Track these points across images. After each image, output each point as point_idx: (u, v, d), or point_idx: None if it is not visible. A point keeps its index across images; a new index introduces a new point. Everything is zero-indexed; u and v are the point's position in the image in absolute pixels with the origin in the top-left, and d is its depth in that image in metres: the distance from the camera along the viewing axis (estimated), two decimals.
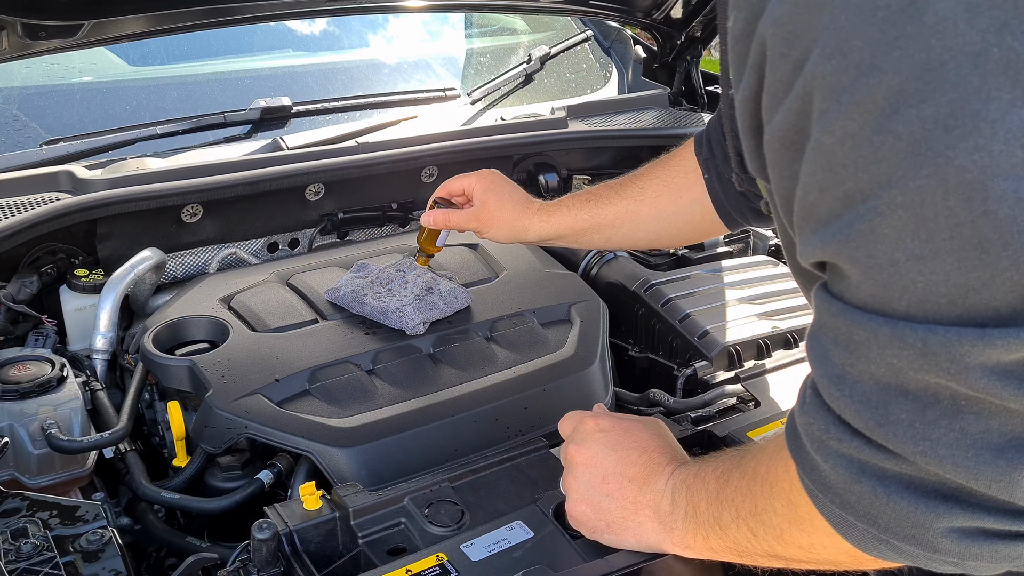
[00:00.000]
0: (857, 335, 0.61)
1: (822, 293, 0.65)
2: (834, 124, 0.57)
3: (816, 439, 0.67)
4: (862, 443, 0.63)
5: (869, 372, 0.61)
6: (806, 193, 0.62)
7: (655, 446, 0.97)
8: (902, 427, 0.60)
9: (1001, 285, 0.54)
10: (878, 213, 0.57)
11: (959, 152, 0.52)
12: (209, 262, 1.73)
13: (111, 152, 1.78)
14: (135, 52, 2.14)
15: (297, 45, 2.42)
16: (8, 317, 1.49)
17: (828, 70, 0.57)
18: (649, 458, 0.95)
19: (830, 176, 0.59)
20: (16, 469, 1.20)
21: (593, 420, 1.02)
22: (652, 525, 0.93)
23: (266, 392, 1.28)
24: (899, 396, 0.60)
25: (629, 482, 0.95)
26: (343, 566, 1.02)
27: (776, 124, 0.64)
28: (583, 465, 0.98)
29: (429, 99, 2.16)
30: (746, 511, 0.80)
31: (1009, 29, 0.51)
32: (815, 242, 0.63)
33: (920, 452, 0.60)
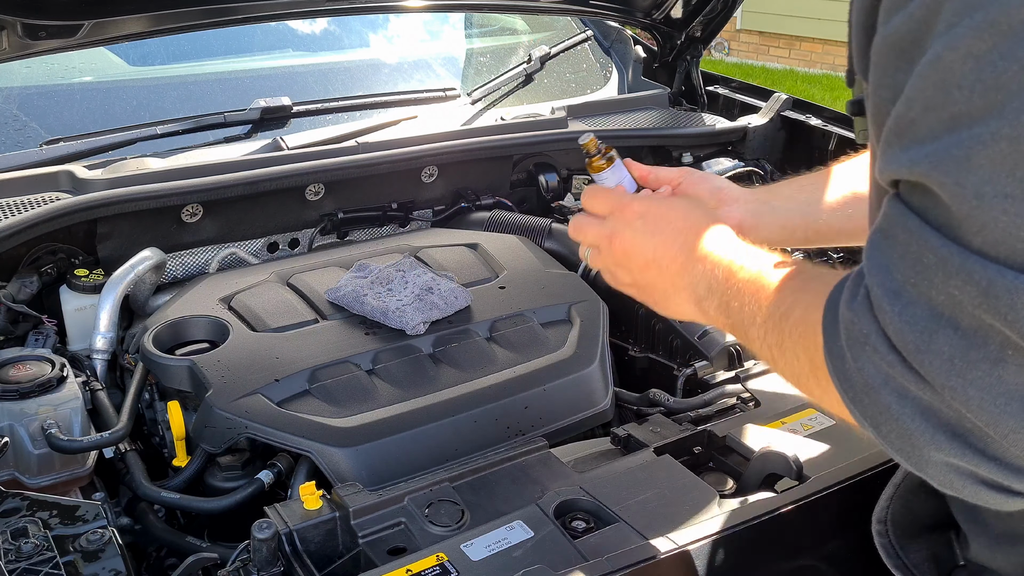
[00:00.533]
0: (927, 258, 0.60)
1: (898, 205, 0.63)
2: (960, 41, 0.55)
3: (853, 338, 0.67)
4: (896, 359, 0.63)
5: (928, 296, 0.60)
6: (908, 108, 0.60)
7: (692, 224, 0.96)
8: (941, 359, 0.60)
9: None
10: (979, 142, 0.55)
11: None
12: (209, 262, 1.73)
13: (111, 152, 1.78)
14: (135, 52, 2.14)
15: (297, 45, 2.42)
16: (8, 317, 1.49)
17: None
18: (686, 239, 0.95)
19: (941, 95, 0.57)
20: (16, 469, 1.20)
21: (632, 204, 1.00)
22: (689, 306, 0.95)
23: (266, 392, 1.28)
24: (948, 328, 0.59)
25: (669, 264, 0.96)
26: (343, 566, 1.02)
27: (891, 28, 0.61)
28: (627, 253, 0.99)
29: (429, 99, 2.16)
30: (772, 341, 0.81)
31: None
32: (903, 159, 0.61)
33: (951, 387, 0.59)
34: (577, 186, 2.12)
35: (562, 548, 1.00)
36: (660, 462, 1.16)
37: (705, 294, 0.92)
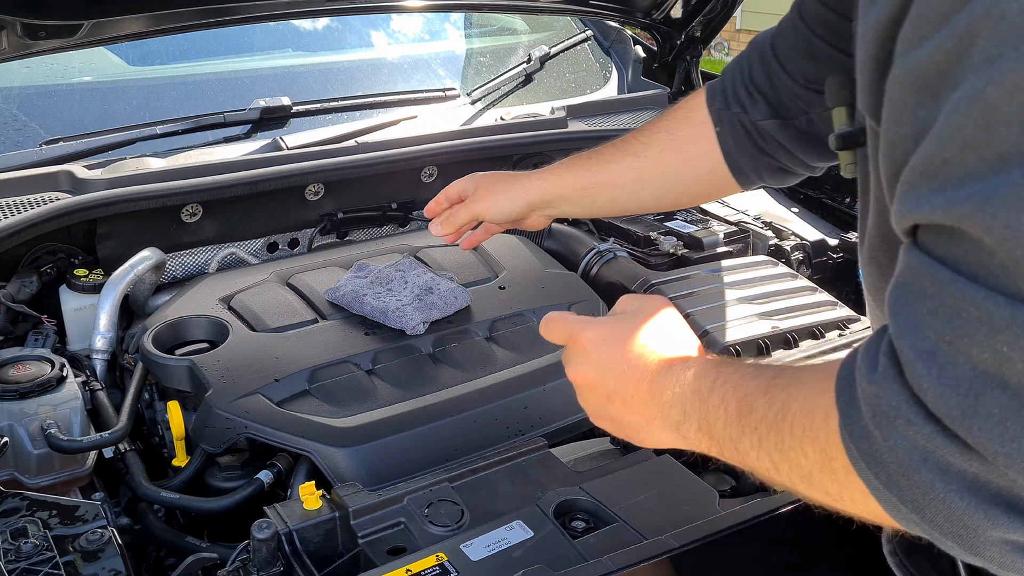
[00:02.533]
0: (967, 311, 0.54)
1: (920, 255, 0.58)
2: (1006, 75, 0.50)
3: (881, 413, 0.60)
4: (935, 430, 0.57)
5: (969, 354, 0.54)
6: (941, 148, 0.55)
7: (651, 350, 0.89)
8: (992, 422, 0.54)
9: None
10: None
11: None
12: (209, 262, 1.73)
13: (111, 152, 1.78)
14: (135, 52, 2.14)
15: (297, 45, 2.42)
16: (8, 317, 1.49)
17: (1012, 10, 0.50)
18: (646, 366, 0.88)
19: (984, 133, 0.52)
20: (16, 469, 1.20)
21: (584, 334, 0.93)
22: (666, 433, 0.88)
23: (266, 392, 1.28)
24: (996, 388, 0.54)
25: (632, 396, 0.89)
26: (343, 566, 1.02)
27: (914, 60, 0.56)
28: (585, 387, 0.93)
29: (429, 99, 2.16)
30: (771, 445, 0.74)
31: None
32: (937, 202, 0.55)
33: (1005, 453, 0.54)
34: None
35: (562, 548, 1.00)
36: (660, 462, 1.16)
37: (681, 419, 0.85)
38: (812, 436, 0.70)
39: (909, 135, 0.58)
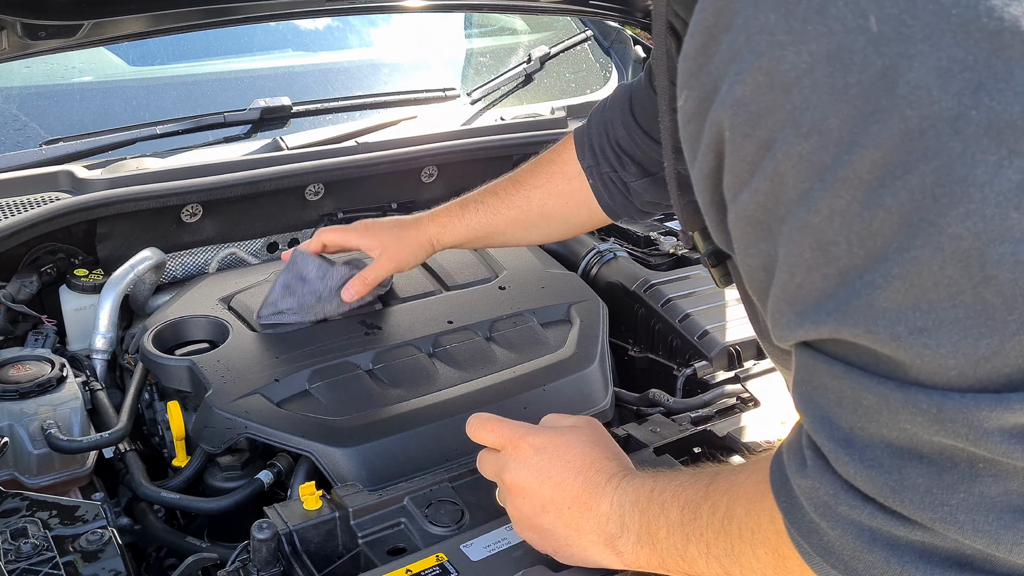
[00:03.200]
0: (865, 399, 0.58)
1: (813, 354, 0.62)
2: (820, 203, 0.56)
3: (821, 504, 0.63)
4: (875, 509, 0.60)
5: (881, 435, 0.58)
6: (791, 276, 0.60)
7: (592, 461, 0.91)
8: (919, 493, 0.57)
9: (1011, 351, 0.52)
10: (875, 287, 0.55)
11: (951, 220, 0.51)
12: (209, 262, 1.73)
13: (111, 152, 1.78)
14: (135, 52, 2.14)
15: (297, 45, 2.42)
16: (8, 317, 1.49)
17: (805, 150, 0.55)
18: (586, 478, 0.90)
19: (820, 255, 0.57)
20: (16, 469, 1.20)
21: (527, 440, 0.95)
22: (599, 548, 0.88)
23: (266, 392, 1.28)
24: (914, 460, 0.57)
25: (568, 508, 0.90)
26: (343, 566, 1.02)
27: (742, 204, 0.62)
28: (520, 493, 0.93)
29: (429, 99, 2.16)
30: (719, 550, 0.76)
31: (985, 89, 0.50)
32: (804, 323, 0.60)
33: (939, 518, 0.57)
34: None
35: None
36: (660, 462, 1.16)
37: (618, 531, 0.86)
38: (762, 538, 0.72)
39: (759, 266, 0.64)
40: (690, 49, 0.64)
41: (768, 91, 0.57)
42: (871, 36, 0.52)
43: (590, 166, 1.35)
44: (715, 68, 0.61)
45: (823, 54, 0.54)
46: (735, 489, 0.76)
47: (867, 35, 0.52)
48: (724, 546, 0.76)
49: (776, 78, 0.56)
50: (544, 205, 1.40)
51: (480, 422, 1.00)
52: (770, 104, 0.57)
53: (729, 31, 0.60)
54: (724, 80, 0.60)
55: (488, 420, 1.00)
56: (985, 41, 0.50)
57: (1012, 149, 0.50)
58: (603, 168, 1.34)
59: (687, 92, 0.66)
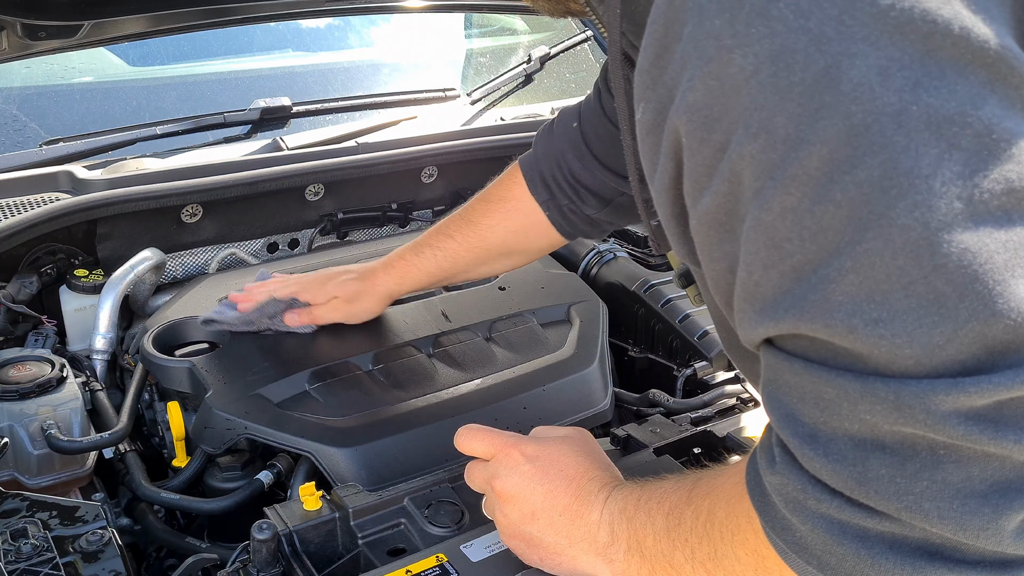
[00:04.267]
0: (826, 392, 0.59)
1: (776, 353, 0.63)
2: (771, 201, 0.57)
3: (791, 499, 0.64)
4: (842, 502, 0.61)
5: (843, 428, 0.59)
6: (749, 274, 0.61)
7: (583, 471, 0.92)
8: (883, 483, 0.58)
9: (964, 337, 0.53)
10: (830, 281, 0.56)
11: (899, 211, 0.53)
12: (209, 262, 1.73)
13: (111, 152, 1.78)
14: (135, 52, 2.15)
15: (297, 45, 2.42)
16: (8, 317, 1.49)
17: (756, 149, 0.57)
18: (579, 487, 0.90)
19: (774, 252, 0.58)
20: (16, 469, 1.20)
21: (519, 448, 0.95)
22: (589, 557, 0.88)
23: (266, 393, 1.28)
24: (876, 451, 0.58)
25: (559, 516, 0.90)
26: (343, 567, 1.02)
27: (703, 208, 0.63)
28: (510, 501, 0.93)
29: (429, 99, 2.16)
30: (703, 555, 0.76)
31: (923, 86, 0.52)
32: (765, 320, 0.61)
33: (904, 507, 0.58)
34: None
35: None
36: (660, 463, 1.16)
37: (609, 540, 0.86)
38: (741, 539, 0.73)
39: (724, 268, 0.65)
40: (644, 63, 0.66)
41: (720, 95, 0.58)
42: (812, 36, 0.54)
43: (545, 200, 1.34)
44: (669, 78, 0.63)
45: (767, 55, 0.55)
46: (715, 492, 0.77)
47: (808, 35, 0.54)
48: (708, 550, 0.76)
49: (726, 81, 0.58)
50: (504, 242, 1.40)
51: (469, 432, 1.00)
52: (722, 107, 0.58)
53: (679, 41, 0.61)
54: (678, 88, 0.62)
55: (477, 430, 1.00)
56: (920, 42, 0.52)
57: (951, 142, 0.52)
58: (560, 201, 1.34)
59: (643, 104, 0.67)
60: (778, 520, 0.66)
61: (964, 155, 0.52)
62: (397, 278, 1.43)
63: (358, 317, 1.45)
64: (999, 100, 0.53)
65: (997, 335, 0.53)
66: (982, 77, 0.52)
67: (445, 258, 1.41)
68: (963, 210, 0.52)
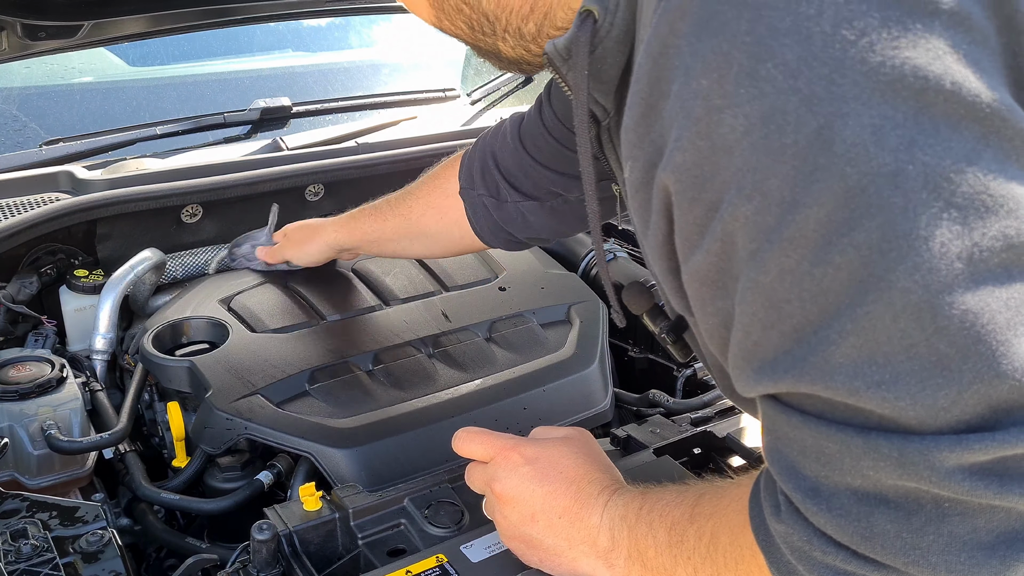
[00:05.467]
0: (827, 447, 0.58)
1: (775, 405, 0.62)
2: (769, 263, 0.56)
3: (797, 549, 0.63)
4: (848, 555, 0.60)
5: (845, 483, 0.59)
6: (747, 334, 0.61)
7: (583, 473, 0.91)
8: (889, 538, 0.57)
9: (969, 399, 0.52)
10: (830, 343, 0.55)
11: (900, 274, 0.52)
12: (209, 262, 1.73)
13: (111, 152, 1.78)
14: (135, 52, 2.15)
15: (297, 45, 2.42)
16: (8, 317, 1.49)
17: (750, 211, 0.56)
18: (579, 489, 0.90)
19: (773, 313, 0.58)
20: (16, 470, 1.20)
21: (518, 449, 0.95)
22: (589, 560, 0.88)
23: (266, 393, 1.28)
24: (880, 506, 0.58)
25: (559, 518, 0.89)
26: (343, 567, 1.02)
27: (694, 265, 0.63)
28: (510, 502, 0.92)
29: (429, 99, 2.17)
30: (707, 575, 0.76)
31: (918, 144, 0.51)
32: (763, 379, 0.61)
33: (912, 562, 0.57)
34: None
35: None
36: (660, 463, 1.16)
37: (610, 545, 0.85)
38: (745, 570, 0.72)
39: (718, 323, 0.64)
40: (630, 121, 0.65)
41: (710, 155, 0.58)
42: (803, 96, 0.53)
43: (464, 187, 1.34)
44: (656, 136, 0.62)
45: (758, 116, 0.55)
46: (719, 515, 0.76)
47: (799, 95, 0.53)
48: (711, 571, 0.76)
49: (716, 142, 0.57)
50: (422, 218, 1.42)
51: (468, 435, 0.99)
52: (713, 167, 0.58)
53: (666, 98, 0.60)
54: (666, 147, 0.61)
55: (476, 432, 0.99)
56: (912, 99, 0.52)
57: (948, 201, 0.51)
58: (477, 191, 1.33)
59: (631, 163, 0.67)
60: (784, 564, 0.66)
61: (962, 213, 0.51)
62: (339, 230, 1.51)
63: (300, 259, 1.56)
64: (994, 154, 0.52)
65: (1001, 395, 0.52)
66: (976, 132, 0.52)
67: (377, 220, 1.46)
68: (963, 270, 0.51)
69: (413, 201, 1.43)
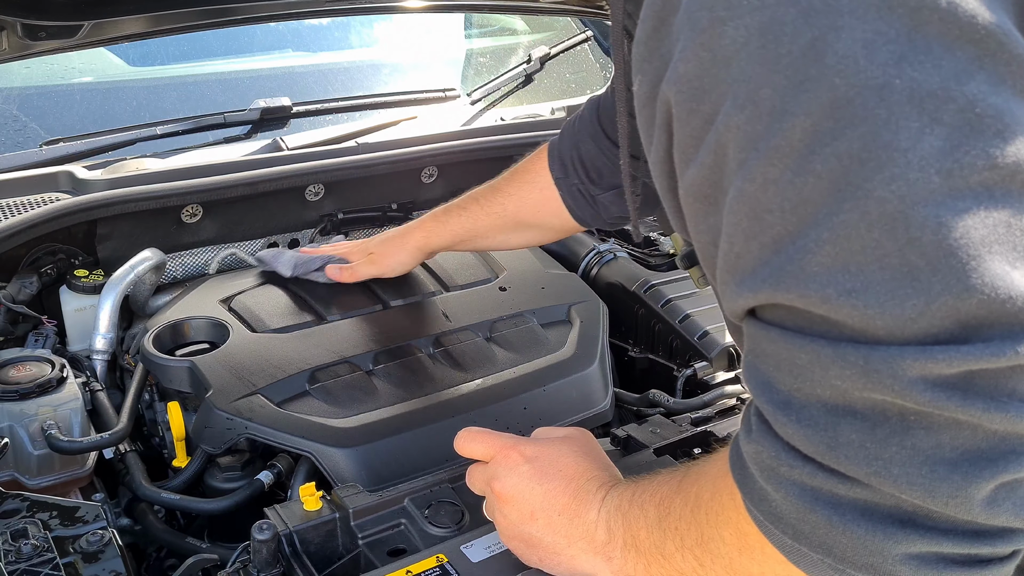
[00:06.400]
0: (799, 358, 0.59)
1: (756, 323, 0.63)
2: (755, 172, 0.57)
3: (766, 467, 0.64)
4: (814, 468, 0.61)
5: (815, 395, 0.59)
6: (731, 245, 0.62)
7: (582, 471, 0.92)
8: (853, 448, 0.58)
9: (937, 311, 0.53)
10: (807, 252, 0.56)
11: (877, 184, 0.53)
12: (209, 262, 1.73)
13: (111, 152, 1.78)
14: (135, 52, 2.15)
15: (297, 45, 2.42)
16: (8, 318, 1.49)
17: (742, 120, 0.57)
18: (577, 486, 0.90)
19: (756, 223, 0.59)
20: (16, 470, 1.20)
21: (518, 448, 0.95)
22: (588, 556, 0.88)
23: (266, 392, 1.28)
24: (847, 417, 0.58)
25: (558, 515, 0.90)
26: (343, 567, 1.02)
27: (689, 179, 0.64)
28: (509, 501, 0.92)
29: (429, 99, 2.16)
30: (691, 540, 0.76)
31: (908, 61, 0.52)
32: (744, 292, 0.62)
33: (873, 472, 0.58)
34: None
35: None
36: (660, 463, 1.16)
37: (607, 538, 0.86)
38: (725, 518, 0.73)
39: (708, 241, 0.66)
40: (641, 35, 0.66)
41: (710, 66, 0.59)
42: (801, 8, 0.54)
43: (559, 178, 1.39)
44: (665, 50, 0.63)
45: (757, 27, 0.56)
46: (703, 476, 0.77)
47: (797, 7, 0.54)
48: (695, 535, 0.76)
49: (717, 53, 0.58)
50: (518, 212, 1.45)
51: (469, 435, 1.00)
52: (712, 79, 0.59)
53: (676, 12, 0.61)
54: (671, 60, 0.62)
55: (476, 432, 1.00)
56: (907, 16, 0.52)
57: (933, 117, 0.52)
58: (572, 180, 1.38)
59: (640, 77, 0.67)
60: (755, 491, 0.67)
61: (946, 130, 0.52)
62: (426, 233, 1.52)
63: (392, 270, 1.55)
64: (987, 76, 0.53)
65: (970, 310, 0.53)
66: (969, 53, 0.52)
67: (468, 219, 1.48)
68: (941, 184, 0.52)
69: (505, 198, 1.46)
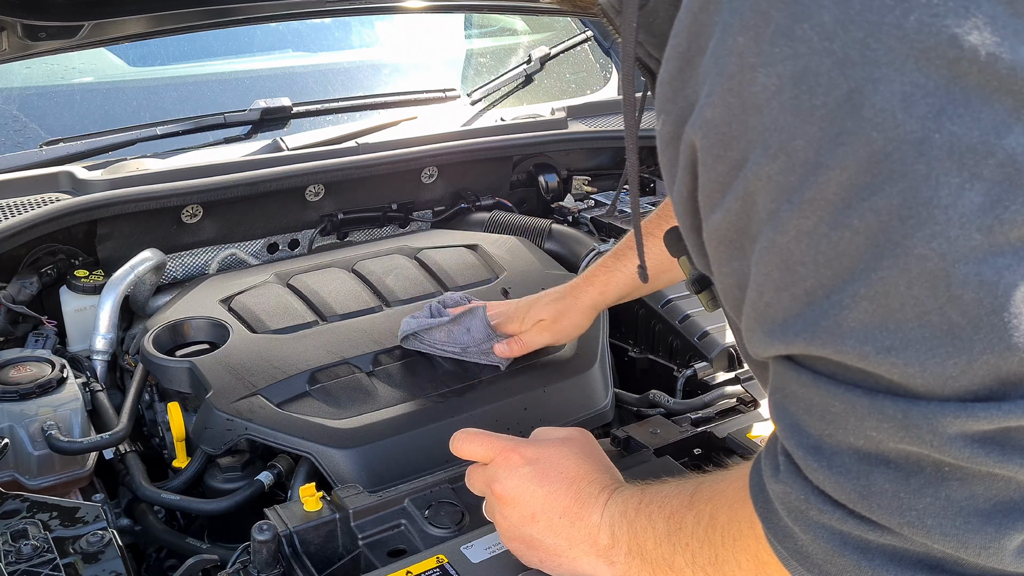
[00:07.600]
0: (833, 406, 0.59)
1: (785, 364, 0.63)
2: (787, 223, 0.57)
3: (794, 509, 0.64)
4: (845, 514, 0.60)
5: (848, 442, 0.59)
6: (760, 294, 0.61)
7: (584, 473, 0.92)
8: (886, 498, 0.58)
9: (978, 370, 0.53)
10: (843, 307, 0.55)
11: (917, 241, 0.52)
12: (209, 263, 1.73)
13: (111, 153, 1.79)
14: (135, 52, 2.15)
15: (297, 45, 2.43)
16: (8, 318, 1.49)
17: (773, 170, 0.56)
18: (579, 489, 0.90)
19: (788, 275, 0.58)
20: (16, 470, 1.20)
21: (519, 450, 0.95)
22: (589, 559, 0.88)
23: (266, 393, 1.28)
24: (880, 466, 0.58)
25: (560, 518, 0.89)
26: (343, 568, 1.02)
27: (714, 223, 0.63)
28: (510, 503, 0.92)
29: (429, 99, 2.17)
30: (704, 559, 0.76)
31: (946, 114, 0.51)
32: (774, 341, 0.61)
33: (907, 523, 0.57)
34: (577, 187, 2.12)
35: None
36: (660, 464, 1.16)
37: (610, 542, 0.86)
38: (743, 545, 0.72)
39: (733, 284, 0.65)
40: (665, 75, 0.65)
41: (739, 112, 0.58)
42: (837, 59, 0.53)
43: None
44: (690, 91, 0.62)
45: (790, 76, 0.54)
46: (718, 497, 0.77)
47: (833, 58, 0.53)
48: (709, 555, 0.76)
49: (746, 99, 0.57)
50: None
51: (467, 436, 0.99)
52: (741, 125, 0.58)
53: (702, 55, 0.60)
54: (697, 103, 0.61)
55: (475, 434, 0.99)
56: (945, 68, 0.51)
57: (973, 172, 0.51)
58: None
59: (664, 117, 0.67)
60: (780, 528, 0.66)
61: (986, 185, 0.51)
62: (601, 287, 1.38)
63: (568, 334, 1.41)
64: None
65: (1011, 367, 0.52)
66: (1008, 105, 0.51)
67: (631, 267, 1.34)
68: (982, 241, 0.51)
69: None
